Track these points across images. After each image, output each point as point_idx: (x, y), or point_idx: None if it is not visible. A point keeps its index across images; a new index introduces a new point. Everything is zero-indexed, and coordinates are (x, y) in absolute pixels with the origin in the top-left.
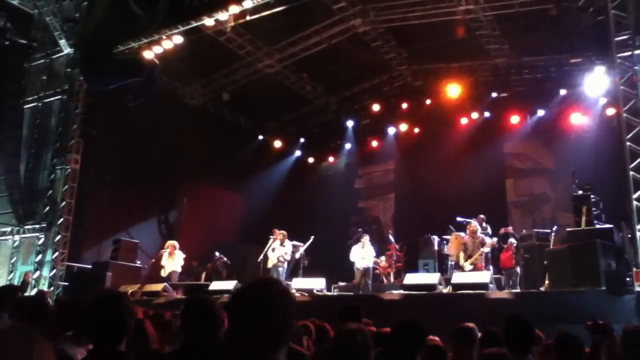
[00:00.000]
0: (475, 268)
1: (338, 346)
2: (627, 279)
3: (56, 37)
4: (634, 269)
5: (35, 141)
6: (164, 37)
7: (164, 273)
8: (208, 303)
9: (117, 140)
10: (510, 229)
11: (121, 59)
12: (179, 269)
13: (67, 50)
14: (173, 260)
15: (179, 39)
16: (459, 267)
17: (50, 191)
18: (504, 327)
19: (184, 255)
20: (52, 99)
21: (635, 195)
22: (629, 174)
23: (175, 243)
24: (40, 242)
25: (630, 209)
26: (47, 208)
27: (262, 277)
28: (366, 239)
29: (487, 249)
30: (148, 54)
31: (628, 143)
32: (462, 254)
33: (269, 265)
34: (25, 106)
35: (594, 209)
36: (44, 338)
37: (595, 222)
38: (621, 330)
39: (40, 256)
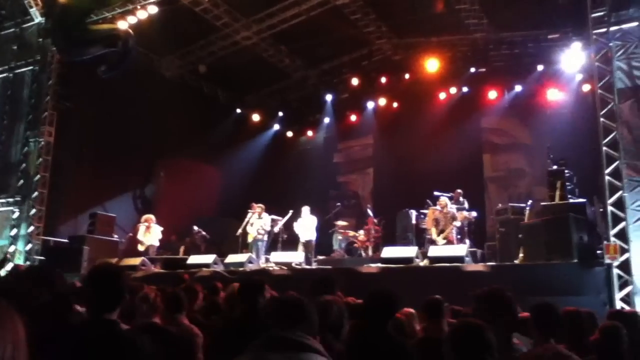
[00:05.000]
0: (449, 242)
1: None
2: (598, 251)
3: (26, 5)
4: (605, 242)
5: (7, 113)
6: (139, 7)
7: (141, 247)
8: (113, 271)
9: (92, 113)
10: None
11: (95, 29)
12: (157, 243)
13: (38, 19)
14: (150, 234)
15: (153, 9)
16: (433, 242)
17: (24, 164)
18: (475, 299)
19: (161, 229)
20: (23, 69)
21: (607, 171)
22: (602, 150)
23: (152, 217)
24: (15, 216)
25: (602, 184)
26: (21, 182)
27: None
28: (305, 210)
29: (458, 224)
30: (122, 24)
31: (602, 119)
32: (434, 229)
33: (249, 239)
34: None
35: (568, 183)
36: (7, 306)
37: (569, 196)
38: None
39: (15, 230)
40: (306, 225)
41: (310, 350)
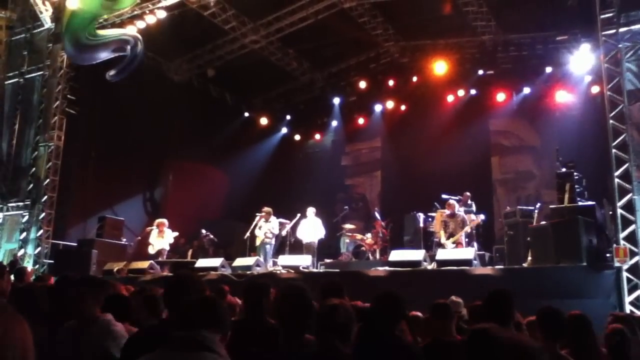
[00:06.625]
0: (457, 245)
1: (321, 320)
2: (607, 254)
3: (36, 11)
4: (614, 245)
5: (17, 118)
6: (147, 11)
7: (152, 250)
8: (192, 279)
9: (101, 117)
10: None
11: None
12: (168, 247)
13: (48, 24)
14: (163, 239)
15: (162, 14)
16: (440, 245)
17: (34, 168)
18: (486, 301)
19: (175, 234)
20: (34, 74)
21: (617, 173)
22: (612, 152)
23: (165, 221)
24: (25, 219)
25: (612, 186)
26: (31, 185)
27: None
28: (310, 211)
29: (468, 229)
30: (131, 29)
31: (611, 121)
32: (442, 232)
33: (257, 243)
34: (7, 82)
35: (576, 186)
36: (14, 312)
37: (578, 199)
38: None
39: (24, 234)
40: (310, 227)
41: (206, 349)
